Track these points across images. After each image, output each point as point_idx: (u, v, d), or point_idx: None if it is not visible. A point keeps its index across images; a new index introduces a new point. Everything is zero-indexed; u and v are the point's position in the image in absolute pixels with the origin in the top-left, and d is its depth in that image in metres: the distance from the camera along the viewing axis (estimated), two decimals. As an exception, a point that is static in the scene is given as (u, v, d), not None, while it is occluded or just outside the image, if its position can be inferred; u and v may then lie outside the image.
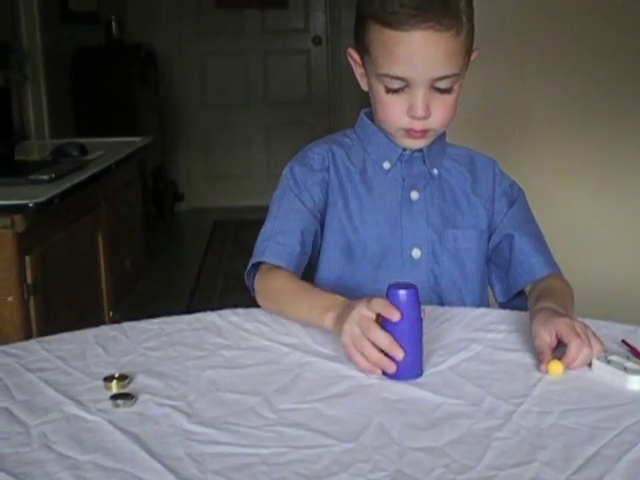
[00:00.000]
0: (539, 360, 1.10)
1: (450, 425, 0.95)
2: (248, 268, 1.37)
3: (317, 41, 6.00)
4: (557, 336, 1.11)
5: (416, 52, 1.25)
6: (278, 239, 1.34)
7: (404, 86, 1.29)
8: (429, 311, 1.16)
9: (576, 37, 2.62)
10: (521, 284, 1.41)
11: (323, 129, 5.63)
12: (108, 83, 4.58)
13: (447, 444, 0.90)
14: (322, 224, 1.41)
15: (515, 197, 1.46)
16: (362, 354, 1.07)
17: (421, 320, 1.07)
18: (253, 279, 1.35)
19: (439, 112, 1.31)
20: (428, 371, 1.09)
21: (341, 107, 5.96)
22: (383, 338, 1.06)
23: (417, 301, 1.05)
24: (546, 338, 1.11)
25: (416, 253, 1.39)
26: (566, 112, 2.69)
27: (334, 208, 1.41)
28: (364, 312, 1.08)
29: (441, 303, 1.39)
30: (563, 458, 0.87)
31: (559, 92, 2.67)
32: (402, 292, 1.04)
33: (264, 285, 1.33)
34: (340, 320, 1.12)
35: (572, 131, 2.70)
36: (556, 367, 1.08)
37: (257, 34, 6.00)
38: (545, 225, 1.47)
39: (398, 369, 1.06)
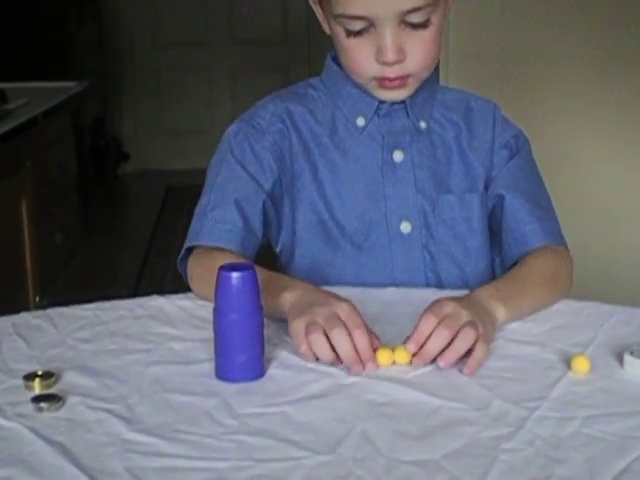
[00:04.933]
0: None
1: (449, 434, 0.95)
2: (182, 254, 1.36)
3: (294, -35, 5.98)
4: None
5: None
6: (215, 215, 1.33)
7: (368, 26, 1.27)
8: (426, 295, 1.16)
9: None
10: (512, 258, 1.38)
11: (301, 74, 5.61)
12: (35, 15, 4.53)
13: (445, 457, 0.91)
14: (290, 202, 1.39)
15: (517, 150, 1.44)
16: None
17: (261, 309, 1.08)
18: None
19: (416, 53, 1.29)
20: (423, 369, 1.09)
21: (323, 47, 5.93)
22: (362, 336, 1.07)
23: (255, 285, 1.06)
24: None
25: (405, 227, 1.39)
26: (596, 62, 2.71)
27: (300, 180, 1.40)
28: (335, 310, 1.09)
29: (440, 285, 1.40)
30: (586, 474, 0.88)
31: (584, 40, 2.70)
32: (235, 274, 1.05)
33: (199, 269, 1.31)
34: (299, 305, 1.12)
35: (603, 85, 2.72)
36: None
37: (220, -44, 5.97)
38: (569, 192, 1.47)
39: (232, 369, 1.07)
